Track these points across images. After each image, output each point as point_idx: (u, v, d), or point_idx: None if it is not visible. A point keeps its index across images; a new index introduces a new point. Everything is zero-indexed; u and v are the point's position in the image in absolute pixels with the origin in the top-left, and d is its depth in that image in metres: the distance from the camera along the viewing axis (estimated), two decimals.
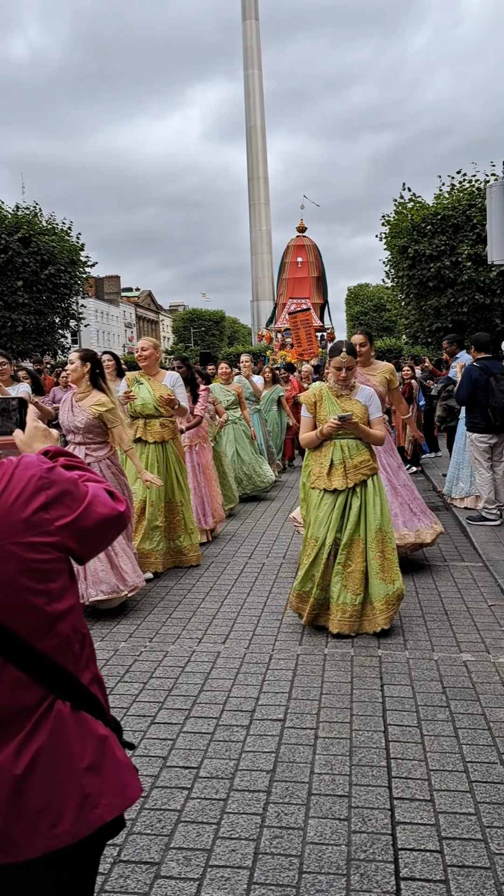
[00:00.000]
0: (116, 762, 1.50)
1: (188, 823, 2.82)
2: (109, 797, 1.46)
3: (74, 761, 1.43)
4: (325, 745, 3.39)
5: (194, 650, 4.58)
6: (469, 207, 15.59)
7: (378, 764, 3.21)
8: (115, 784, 1.48)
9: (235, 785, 3.08)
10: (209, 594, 5.73)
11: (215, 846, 2.67)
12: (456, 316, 15.98)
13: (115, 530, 1.55)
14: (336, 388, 4.85)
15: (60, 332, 22.84)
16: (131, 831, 2.77)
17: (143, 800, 2.98)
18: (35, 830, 1.40)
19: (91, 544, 1.51)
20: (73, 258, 21.60)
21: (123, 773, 1.50)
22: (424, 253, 15.73)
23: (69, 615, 1.47)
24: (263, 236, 45.96)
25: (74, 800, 1.42)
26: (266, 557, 6.84)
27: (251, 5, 46.28)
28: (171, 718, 3.68)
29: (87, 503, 1.48)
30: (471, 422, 7.74)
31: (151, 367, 6.40)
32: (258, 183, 46.15)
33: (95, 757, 1.46)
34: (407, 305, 16.66)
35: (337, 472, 4.76)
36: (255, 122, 46.22)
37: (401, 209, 16.61)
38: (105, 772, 1.47)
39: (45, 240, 20.40)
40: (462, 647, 4.53)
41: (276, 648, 4.57)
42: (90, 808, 1.43)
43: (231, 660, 4.41)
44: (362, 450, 4.79)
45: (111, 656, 4.51)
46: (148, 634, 4.88)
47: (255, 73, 46.49)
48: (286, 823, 2.81)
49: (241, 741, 3.44)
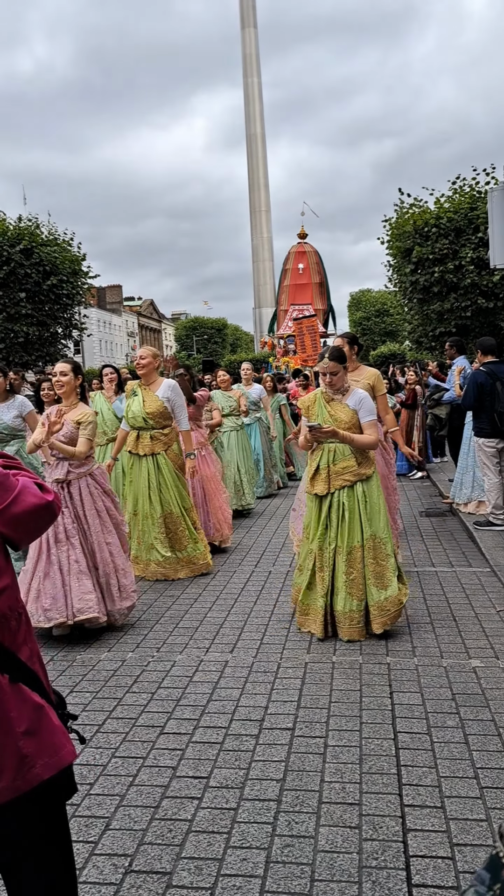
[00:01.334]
0: (52, 727, 1.68)
1: (199, 833, 2.82)
2: (45, 758, 1.64)
3: (12, 726, 1.60)
4: (334, 753, 3.39)
5: (202, 660, 4.58)
6: (471, 211, 15.61)
7: (388, 771, 3.21)
8: (50, 746, 1.66)
9: (246, 794, 3.08)
10: (216, 603, 5.73)
11: (226, 855, 2.68)
12: (459, 320, 15.99)
13: (46, 518, 1.72)
14: (329, 392, 4.89)
15: (63, 343, 22.90)
16: (142, 841, 2.77)
17: (153, 810, 2.99)
18: None
19: (23, 530, 1.67)
20: (75, 269, 21.68)
21: (58, 736, 1.68)
22: (427, 257, 15.74)
23: (5, 594, 1.63)
24: (265, 243, 46.12)
25: (12, 760, 1.60)
26: (273, 566, 6.84)
27: (250, 14, 46.58)
28: (180, 728, 3.69)
29: (16, 493, 1.64)
30: (477, 427, 7.74)
31: (149, 375, 6.43)
32: (258, 190, 46.35)
33: (31, 723, 1.64)
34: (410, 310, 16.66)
35: (320, 477, 4.81)
36: (255, 129, 46.44)
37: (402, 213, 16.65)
38: (41, 736, 1.65)
39: (46, 251, 20.48)
40: (471, 653, 4.53)
41: (283, 657, 4.58)
42: (28, 768, 1.62)
43: (239, 669, 4.41)
44: (347, 455, 4.79)
45: (119, 667, 4.52)
46: (155, 644, 4.88)
47: (254, 81, 46.74)
48: (297, 832, 2.81)
49: (250, 750, 3.44)
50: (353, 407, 4.86)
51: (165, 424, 6.34)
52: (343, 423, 4.77)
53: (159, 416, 6.28)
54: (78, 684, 4.28)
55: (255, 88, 46.48)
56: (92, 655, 4.74)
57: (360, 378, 5.88)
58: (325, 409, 4.86)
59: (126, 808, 3.01)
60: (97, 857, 2.70)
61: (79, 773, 3.29)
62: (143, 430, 6.29)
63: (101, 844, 2.77)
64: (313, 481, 4.85)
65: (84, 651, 4.82)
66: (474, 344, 12.35)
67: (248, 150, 46.47)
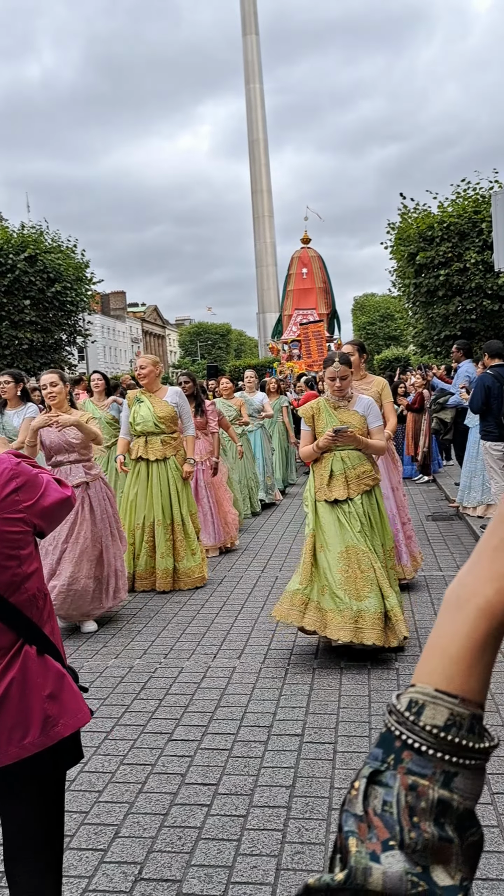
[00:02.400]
0: (72, 692, 1.93)
1: (209, 840, 2.81)
2: (66, 718, 1.89)
3: (39, 690, 1.85)
4: (344, 759, 3.37)
5: (209, 666, 4.57)
6: (475, 214, 15.60)
7: None
8: (71, 709, 1.91)
9: (255, 801, 3.06)
10: (223, 609, 5.72)
11: (237, 863, 2.66)
12: (465, 323, 15.96)
13: (66, 509, 1.99)
14: (333, 399, 4.83)
15: (67, 350, 22.95)
16: (152, 849, 2.76)
17: (162, 817, 2.97)
18: (10, 741, 1.81)
19: (49, 520, 1.94)
20: (79, 275, 21.74)
21: (77, 701, 1.94)
22: (431, 261, 15.73)
23: (34, 576, 1.88)
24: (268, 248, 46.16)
25: (39, 719, 1.84)
26: (279, 571, 6.83)
27: (251, 21, 46.74)
28: (189, 735, 3.67)
29: (44, 489, 1.91)
30: (485, 430, 7.72)
31: (152, 384, 6.43)
32: (261, 196, 46.42)
33: (55, 688, 1.88)
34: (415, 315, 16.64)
35: (337, 483, 4.69)
36: (258, 135, 46.53)
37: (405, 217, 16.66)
38: (62, 699, 1.90)
39: (50, 258, 20.55)
40: None
41: (291, 662, 4.56)
42: (51, 726, 1.86)
43: (247, 675, 4.40)
44: (363, 460, 4.74)
45: (126, 673, 4.51)
46: (163, 651, 4.87)
47: (256, 88, 46.86)
48: (307, 839, 2.79)
49: (259, 757, 3.43)
50: (362, 413, 4.82)
51: (174, 429, 6.35)
52: (354, 429, 4.73)
53: (170, 421, 6.28)
54: (86, 692, 4.27)
55: (257, 95, 46.60)
56: (99, 662, 4.73)
57: (369, 386, 5.88)
58: (333, 416, 4.78)
59: (135, 816, 2.99)
60: (107, 864, 2.69)
61: (87, 781, 3.28)
62: (152, 434, 6.27)
63: (111, 852, 2.76)
64: (330, 487, 4.73)
65: (91, 658, 4.81)
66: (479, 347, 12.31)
67: (250, 156, 46.56)
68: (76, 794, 3.18)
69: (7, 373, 6.60)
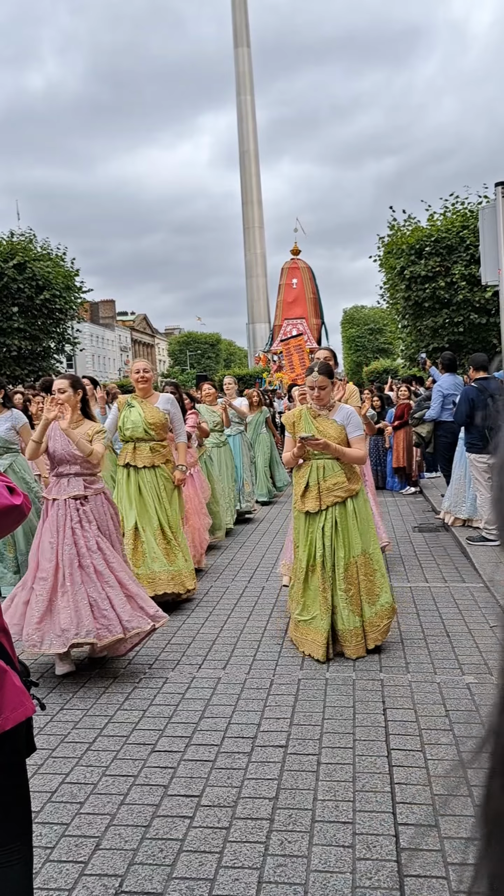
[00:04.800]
0: (14, 687, 1.93)
1: (190, 853, 2.78)
2: (7, 712, 1.90)
3: None
4: (327, 771, 3.36)
5: (194, 676, 4.54)
6: (462, 229, 15.75)
7: (382, 790, 3.18)
8: (11, 703, 1.91)
9: (238, 813, 3.04)
10: (208, 619, 5.70)
11: (218, 875, 2.64)
12: (452, 336, 16.07)
13: (12, 518, 1.92)
14: (315, 408, 4.86)
15: (55, 358, 22.88)
16: (133, 861, 2.73)
17: (144, 829, 2.95)
18: None
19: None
20: (68, 283, 21.71)
21: (19, 695, 1.94)
22: (419, 274, 15.85)
23: None
24: (258, 259, 46.24)
25: None
26: (266, 581, 6.81)
27: (243, 33, 47.00)
28: (172, 746, 3.65)
29: None
30: (469, 442, 7.77)
31: (149, 389, 6.38)
32: (252, 206, 46.56)
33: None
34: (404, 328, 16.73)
35: (310, 494, 4.75)
36: (249, 146, 46.72)
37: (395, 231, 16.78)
38: (3, 693, 1.90)
39: (39, 265, 20.52)
40: (464, 669, 4.51)
41: (276, 673, 4.54)
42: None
43: (232, 686, 4.38)
44: (337, 471, 4.76)
45: (110, 683, 4.48)
46: (147, 661, 4.84)
47: (247, 100, 47.07)
48: (290, 851, 2.77)
49: (242, 768, 3.41)
50: (341, 422, 4.84)
51: (164, 436, 6.28)
52: (332, 438, 4.75)
53: (160, 428, 6.20)
54: (69, 701, 4.24)
55: (249, 106, 46.79)
56: (83, 672, 4.69)
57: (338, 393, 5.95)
58: (312, 424, 4.83)
59: (117, 828, 2.96)
60: (87, 877, 2.66)
61: (69, 792, 3.25)
62: (141, 441, 6.19)
63: (91, 865, 2.73)
64: (304, 499, 4.80)
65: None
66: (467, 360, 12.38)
67: (241, 167, 46.71)
68: (57, 805, 3.14)
69: None
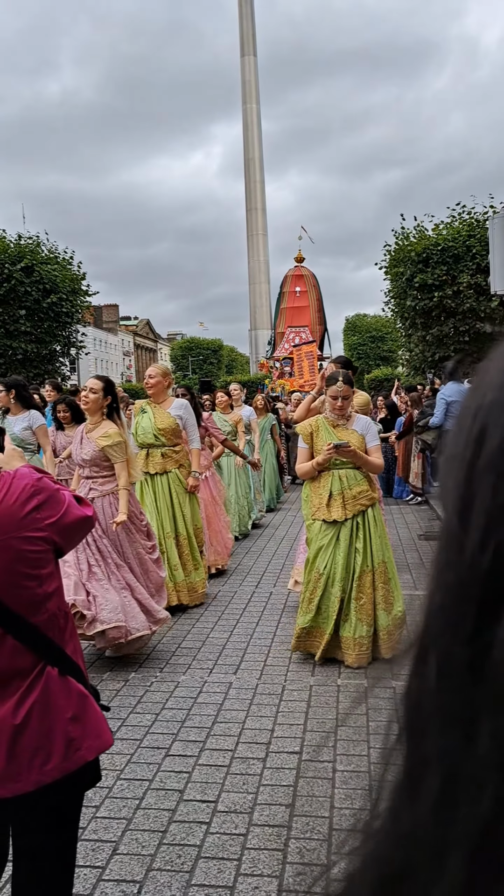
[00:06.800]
0: (95, 715, 1.88)
1: (209, 859, 2.76)
2: (90, 741, 1.84)
3: (61, 713, 1.80)
4: (343, 778, 3.33)
5: (206, 681, 4.52)
6: (469, 238, 15.78)
7: None
8: (94, 731, 1.86)
9: (255, 819, 3.02)
10: (218, 624, 5.68)
11: (238, 883, 2.61)
12: (458, 345, 16.09)
13: (86, 528, 1.93)
14: (332, 417, 4.82)
15: (61, 361, 22.90)
16: (151, 867, 2.71)
17: (161, 834, 2.92)
18: (30, 767, 1.74)
19: (69, 538, 1.87)
20: (75, 287, 21.75)
21: (100, 723, 1.89)
22: (426, 283, 15.88)
23: (55, 596, 1.82)
24: (261, 266, 46.36)
25: (61, 743, 1.78)
26: (273, 587, 6.79)
27: (249, 42, 47.24)
28: (186, 750, 3.62)
29: (66, 506, 1.84)
30: None
31: (159, 394, 6.29)
32: (256, 213, 46.70)
33: (77, 710, 1.83)
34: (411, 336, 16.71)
35: (336, 503, 4.69)
36: (253, 154, 46.91)
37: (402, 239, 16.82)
38: (86, 721, 1.84)
39: (47, 269, 20.57)
40: None
41: (288, 679, 4.52)
42: (75, 750, 1.80)
43: (244, 690, 4.35)
44: (361, 480, 4.74)
45: (122, 686, 4.46)
46: (158, 665, 4.82)
47: (252, 108, 47.29)
48: (309, 859, 2.75)
49: (258, 774, 3.38)
50: (361, 432, 4.82)
51: (177, 442, 6.22)
52: (354, 447, 4.72)
53: (171, 434, 6.16)
54: None
55: (254, 115, 47.00)
56: (94, 674, 4.67)
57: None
58: (332, 433, 4.78)
59: (133, 833, 2.94)
60: (105, 882, 2.64)
61: (84, 796, 3.22)
62: (153, 447, 6.14)
63: (109, 870, 2.70)
64: (329, 508, 4.72)
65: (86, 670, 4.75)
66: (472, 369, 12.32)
67: (245, 175, 46.89)
68: None
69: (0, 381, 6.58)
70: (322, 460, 4.66)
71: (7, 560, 1.71)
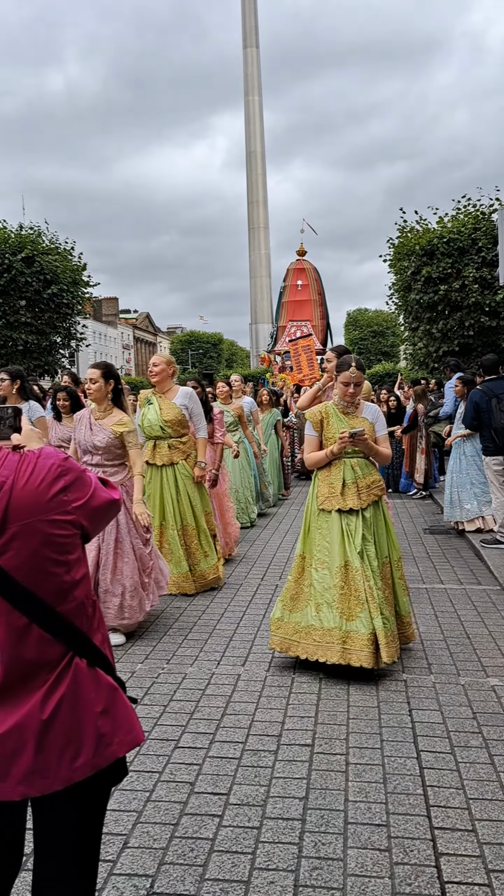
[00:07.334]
0: (126, 708, 1.77)
1: (222, 853, 2.70)
2: (121, 735, 1.73)
3: (91, 706, 1.69)
4: (357, 771, 3.27)
5: (213, 672, 4.46)
6: (474, 231, 15.68)
7: (414, 792, 3.10)
8: (125, 725, 1.75)
9: (268, 812, 2.95)
10: (224, 615, 5.61)
11: (253, 878, 2.55)
12: (462, 339, 16.00)
13: (113, 512, 1.81)
14: (342, 405, 4.71)
15: (61, 352, 22.79)
16: (163, 861, 2.64)
17: (172, 827, 2.86)
18: (60, 763, 1.64)
19: (96, 522, 1.75)
20: (76, 278, 21.62)
21: (131, 716, 1.78)
22: (431, 276, 15.78)
23: (82, 583, 1.71)
24: (262, 259, 46.21)
25: (91, 738, 1.68)
26: (279, 579, 6.73)
27: (252, 34, 47.00)
28: (196, 743, 3.56)
29: (94, 488, 1.73)
30: (483, 445, 7.73)
31: (163, 383, 6.17)
32: (257, 207, 46.53)
33: (107, 703, 1.72)
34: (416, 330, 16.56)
35: (350, 492, 4.53)
36: (255, 147, 46.71)
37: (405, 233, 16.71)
38: (116, 715, 1.73)
39: (47, 259, 20.44)
40: (488, 671, 4.42)
41: (297, 671, 4.46)
42: (105, 746, 1.70)
43: (252, 682, 4.29)
44: (372, 469, 4.65)
45: (128, 678, 4.39)
46: (165, 656, 4.76)
47: (254, 100, 47.06)
48: (325, 854, 2.68)
49: (269, 766, 3.32)
50: (371, 419, 4.73)
51: (183, 433, 6.13)
52: (367, 435, 4.62)
53: (177, 425, 6.06)
54: None
55: (256, 107, 46.78)
56: None
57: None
58: (343, 421, 4.66)
59: (144, 826, 2.88)
60: (116, 877, 2.57)
61: None
62: (160, 438, 6.05)
63: (120, 864, 2.64)
64: (343, 496, 4.54)
65: None
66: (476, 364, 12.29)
67: (247, 168, 46.71)
68: None
69: (3, 370, 6.48)
70: (338, 449, 4.51)
71: (34, 545, 1.60)
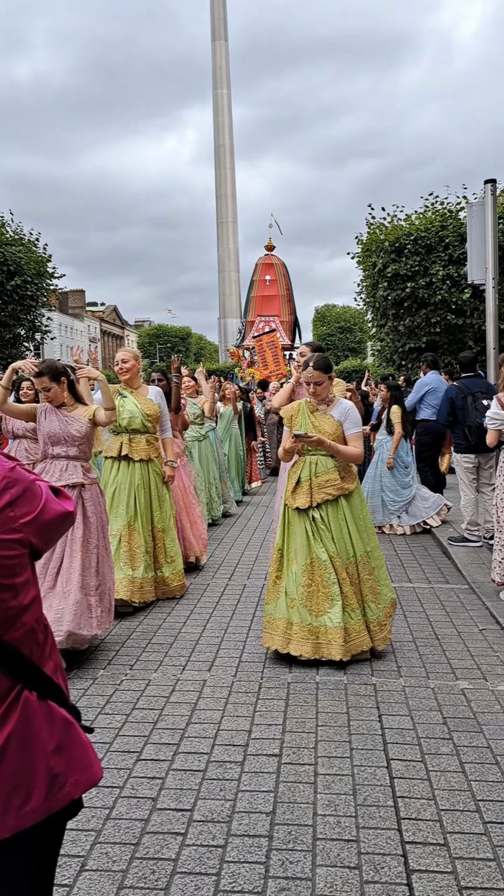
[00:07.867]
0: (81, 743, 1.61)
1: (185, 875, 2.57)
2: (76, 775, 1.57)
3: (42, 744, 1.53)
4: (326, 782, 3.17)
5: (178, 678, 4.32)
6: (441, 229, 15.69)
7: (385, 804, 3.00)
8: (81, 764, 1.59)
9: (234, 829, 2.83)
10: (190, 619, 5.47)
11: None
12: (429, 336, 16.00)
13: (66, 525, 1.65)
14: (314, 402, 4.71)
15: (25, 346, 22.34)
16: (122, 885, 2.51)
17: (133, 847, 2.72)
18: (7, 810, 1.48)
19: (47, 538, 1.59)
20: (40, 270, 21.19)
21: (87, 753, 1.62)
22: (398, 273, 15.75)
23: (32, 606, 1.55)
24: (231, 254, 46.00)
25: (43, 779, 1.52)
26: (247, 579, 6.61)
27: (220, 27, 46.69)
28: (159, 754, 3.42)
29: (44, 500, 1.56)
30: (455, 442, 7.70)
31: (133, 380, 6.02)
32: (226, 201, 46.29)
33: (61, 740, 1.56)
34: (384, 326, 16.55)
35: (301, 490, 4.60)
36: (224, 140, 46.44)
37: (373, 229, 16.66)
38: (71, 753, 1.58)
39: (11, 250, 19.99)
40: (458, 673, 4.36)
41: (265, 676, 4.34)
42: (59, 787, 1.54)
43: (218, 689, 4.16)
44: (330, 468, 4.59)
45: (90, 685, 4.24)
46: (128, 661, 4.61)
47: (223, 93, 46.77)
48: (293, 873, 2.57)
49: (235, 779, 3.20)
50: (339, 418, 4.67)
51: (156, 429, 6.02)
52: (327, 434, 4.58)
53: (156, 420, 5.92)
54: None
55: (224, 100, 46.48)
56: None
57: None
58: (308, 418, 4.66)
59: (103, 846, 2.74)
60: None
61: None
62: (137, 433, 5.87)
63: (77, 888, 2.50)
64: (294, 494, 4.62)
65: None
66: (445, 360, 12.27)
67: (215, 161, 46.42)
68: None
69: None
70: (288, 447, 4.63)
71: None
